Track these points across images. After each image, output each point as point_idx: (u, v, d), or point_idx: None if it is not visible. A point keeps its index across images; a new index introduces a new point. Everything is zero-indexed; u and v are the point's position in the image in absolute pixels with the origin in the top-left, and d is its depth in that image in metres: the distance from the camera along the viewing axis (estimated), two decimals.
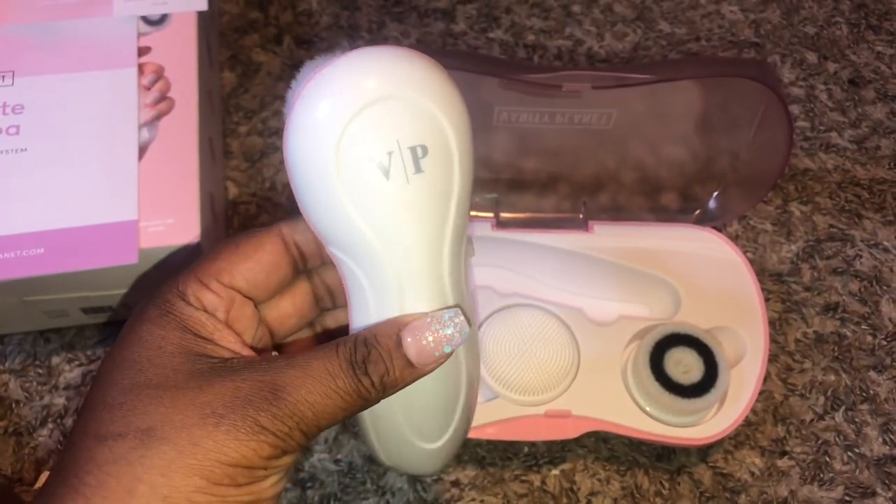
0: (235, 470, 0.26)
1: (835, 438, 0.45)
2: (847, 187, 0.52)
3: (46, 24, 0.44)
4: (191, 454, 0.25)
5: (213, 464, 0.25)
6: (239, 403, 0.26)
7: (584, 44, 0.57)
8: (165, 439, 0.25)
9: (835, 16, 0.59)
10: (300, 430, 0.27)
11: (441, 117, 0.27)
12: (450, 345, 0.28)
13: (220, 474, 0.26)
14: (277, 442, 0.26)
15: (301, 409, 0.26)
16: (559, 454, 0.44)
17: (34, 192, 0.40)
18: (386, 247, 0.27)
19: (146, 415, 0.26)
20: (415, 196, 0.27)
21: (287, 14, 0.57)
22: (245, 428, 0.26)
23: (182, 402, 0.26)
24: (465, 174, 0.28)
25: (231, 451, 0.26)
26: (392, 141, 0.26)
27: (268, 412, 0.26)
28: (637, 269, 0.45)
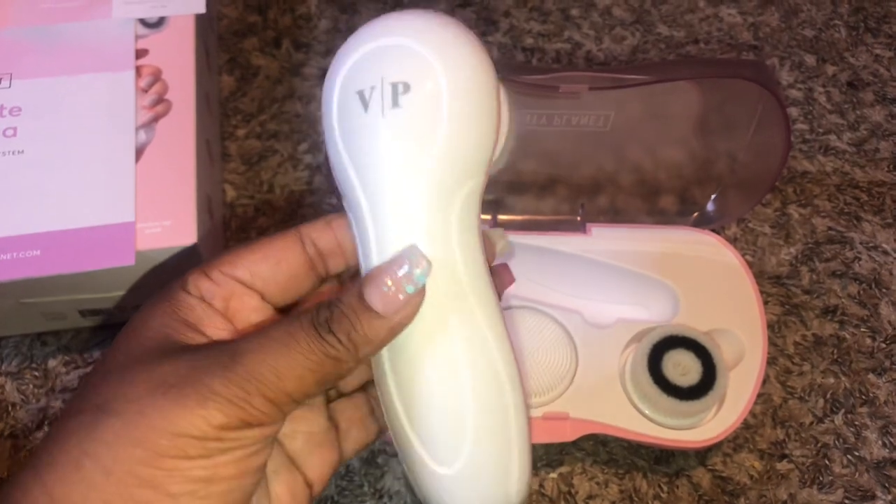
0: (184, 440, 0.24)
1: (834, 441, 0.44)
2: (846, 190, 0.52)
3: (45, 26, 0.44)
4: (135, 426, 0.24)
5: (159, 434, 0.24)
6: (193, 374, 0.25)
7: (583, 47, 0.57)
8: (114, 412, 0.24)
9: (833, 19, 0.59)
10: (262, 395, 0.25)
11: (434, 61, 0.26)
12: (411, 284, 0.26)
13: (167, 445, 0.24)
14: (232, 409, 0.25)
15: (260, 371, 0.25)
16: (557, 457, 0.44)
17: (31, 193, 0.40)
18: (369, 193, 0.27)
19: (103, 392, 0.25)
20: (390, 131, 0.27)
21: (286, 18, 0.57)
22: (194, 395, 0.24)
23: (138, 378, 0.25)
24: (457, 124, 0.27)
25: (178, 419, 0.24)
26: (377, 77, 0.27)
27: (221, 377, 0.25)
28: (635, 272, 0.45)
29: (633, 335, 0.43)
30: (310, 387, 0.26)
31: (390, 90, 0.26)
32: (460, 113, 0.27)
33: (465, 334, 0.28)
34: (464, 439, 0.28)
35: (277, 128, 0.53)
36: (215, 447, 0.25)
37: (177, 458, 0.24)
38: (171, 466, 0.24)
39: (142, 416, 0.24)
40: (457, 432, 0.28)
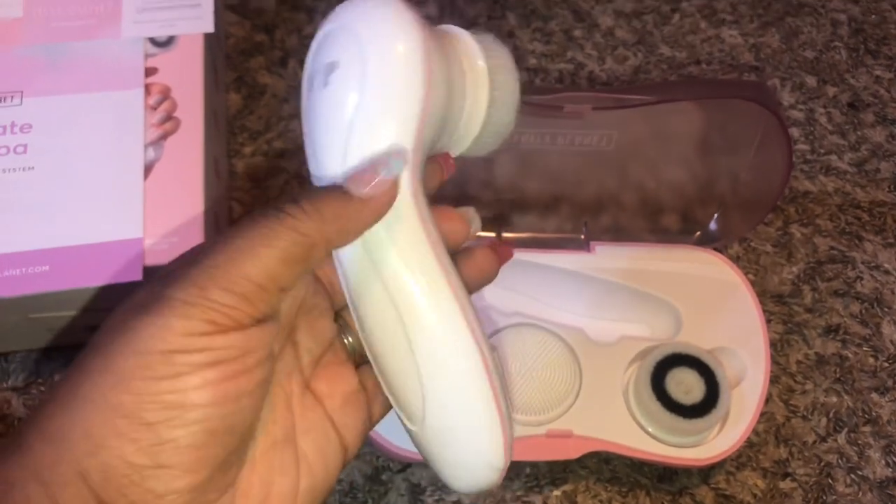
0: (148, 358, 0.23)
1: (837, 460, 0.45)
2: (847, 210, 0.53)
3: (56, 45, 0.45)
4: (106, 352, 0.23)
5: (124, 356, 0.23)
6: (159, 289, 0.24)
7: (586, 67, 0.58)
8: (93, 344, 0.24)
9: (833, 40, 0.60)
10: (219, 287, 0.23)
11: (364, 40, 0.27)
12: (386, 168, 0.26)
13: (132, 365, 0.23)
14: (191, 310, 0.23)
15: (214, 263, 0.23)
16: (561, 475, 0.44)
17: (40, 209, 0.40)
18: (313, 166, 0.28)
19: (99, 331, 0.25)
20: (318, 106, 0.27)
21: (292, 38, 0.58)
22: (155, 308, 0.23)
23: (118, 309, 0.24)
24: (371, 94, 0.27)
25: (139, 335, 0.23)
26: (320, 61, 0.28)
27: (180, 281, 0.23)
28: (638, 290, 0.45)
29: (637, 353, 0.44)
30: (273, 267, 0.24)
31: (323, 70, 0.28)
32: (376, 83, 0.27)
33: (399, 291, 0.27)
34: (420, 398, 0.27)
35: (284, 146, 0.53)
36: (183, 362, 0.23)
37: (144, 380, 0.23)
38: (141, 390, 0.23)
39: (112, 342, 0.23)
40: (412, 391, 0.28)
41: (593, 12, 0.60)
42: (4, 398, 0.44)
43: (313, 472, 0.28)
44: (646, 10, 0.60)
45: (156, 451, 0.23)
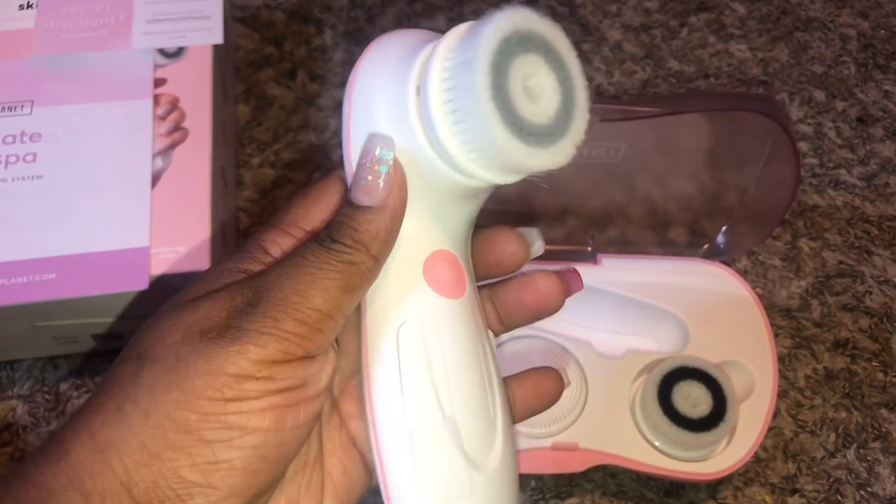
0: (221, 379, 0.24)
1: (847, 476, 0.44)
2: (856, 224, 0.52)
3: (66, 55, 0.45)
4: (173, 369, 0.24)
5: (195, 375, 0.24)
6: (227, 316, 0.25)
7: (594, 81, 0.58)
8: (154, 358, 0.24)
9: (842, 55, 0.59)
10: (292, 318, 0.25)
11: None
12: (380, 164, 0.25)
13: (202, 386, 0.24)
14: (266, 339, 0.24)
15: (283, 297, 0.25)
16: (566, 488, 0.43)
17: (48, 217, 0.40)
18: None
19: (144, 340, 0.25)
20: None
21: (301, 50, 0.58)
22: (228, 336, 0.24)
23: (175, 325, 0.25)
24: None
25: (214, 357, 0.24)
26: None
27: (248, 314, 0.25)
28: (646, 303, 0.45)
29: (644, 366, 0.43)
30: (337, 297, 0.25)
31: None
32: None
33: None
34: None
35: (291, 157, 0.53)
36: (252, 388, 0.24)
37: (212, 401, 0.24)
38: (207, 409, 0.24)
39: (179, 360, 0.24)
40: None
41: (601, 26, 0.60)
42: (10, 406, 0.44)
43: (338, 492, 0.29)
44: (654, 25, 0.60)
45: (209, 470, 0.24)
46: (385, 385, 0.27)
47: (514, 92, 0.24)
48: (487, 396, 0.28)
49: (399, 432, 0.26)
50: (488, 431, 0.27)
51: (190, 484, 0.24)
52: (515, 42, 0.24)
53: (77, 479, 0.23)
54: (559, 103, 0.25)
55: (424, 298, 0.27)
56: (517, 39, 0.24)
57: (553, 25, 0.25)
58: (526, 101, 0.24)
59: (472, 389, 0.27)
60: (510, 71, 0.23)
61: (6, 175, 0.41)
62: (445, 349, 0.27)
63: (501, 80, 0.23)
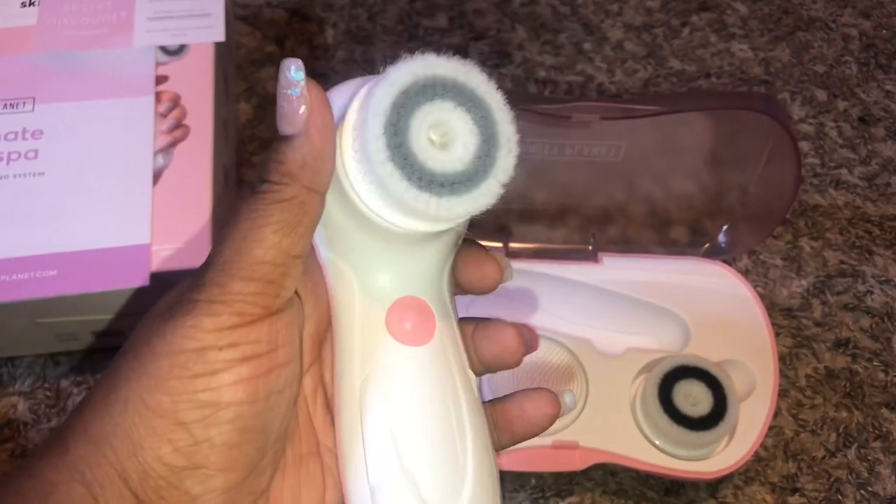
0: (183, 356, 0.23)
1: (847, 476, 0.44)
2: (857, 224, 0.52)
3: (68, 52, 0.45)
4: (142, 356, 0.24)
5: (159, 357, 0.23)
6: (180, 293, 0.24)
7: (595, 80, 0.58)
8: (129, 350, 0.25)
9: (844, 55, 0.59)
10: (237, 277, 0.24)
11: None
12: (293, 87, 0.24)
13: (168, 366, 0.23)
14: (216, 307, 0.23)
15: (223, 259, 0.24)
16: (566, 487, 0.43)
17: (49, 214, 0.40)
18: None
19: (130, 339, 0.25)
20: None
21: (303, 48, 0.58)
22: (181, 311, 0.24)
23: (147, 317, 0.25)
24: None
25: (172, 336, 0.23)
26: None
27: (197, 286, 0.24)
28: (646, 302, 0.45)
29: (644, 365, 0.43)
30: (276, 242, 0.24)
31: None
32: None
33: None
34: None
35: None
36: (217, 359, 0.23)
37: (181, 380, 0.23)
38: (176, 389, 0.23)
39: (146, 345, 0.24)
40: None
41: (603, 25, 0.60)
42: (11, 402, 0.44)
43: (339, 486, 0.28)
44: (656, 24, 0.60)
45: (191, 452, 0.24)
46: (349, 440, 0.26)
47: (418, 145, 0.23)
48: (455, 440, 0.27)
49: (362, 488, 0.26)
50: (455, 476, 0.26)
51: (177, 469, 0.24)
52: (416, 93, 0.23)
53: (78, 471, 0.23)
54: (476, 144, 0.24)
55: (387, 351, 0.26)
56: (418, 90, 0.23)
57: (463, 64, 0.24)
58: (434, 151, 0.24)
59: (434, 438, 0.26)
60: (411, 125, 0.23)
61: (8, 172, 0.41)
62: (407, 400, 0.26)
63: (401, 136, 0.23)
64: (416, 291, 0.27)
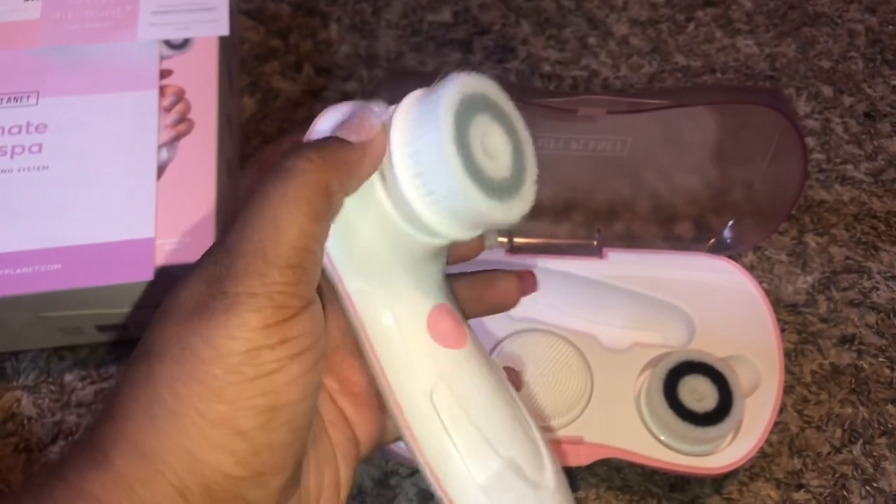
0: (235, 360, 0.22)
1: (852, 472, 0.44)
2: (863, 219, 0.52)
3: (72, 46, 0.45)
4: (184, 361, 0.22)
5: (209, 363, 0.22)
6: (207, 288, 0.23)
7: (600, 75, 0.57)
8: (159, 354, 0.23)
9: (850, 50, 0.59)
10: (275, 266, 0.23)
11: None
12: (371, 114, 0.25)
13: (221, 372, 0.22)
14: (259, 301, 0.22)
15: (256, 247, 0.23)
16: (571, 482, 0.43)
17: (53, 208, 0.40)
18: None
19: (148, 337, 0.24)
20: None
21: (307, 43, 0.58)
22: (218, 307, 0.22)
23: (166, 310, 0.24)
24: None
25: (217, 339, 0.22)
26: None
27: (231, 277, 0.23)
28: (651, 297, 0.45)
29: (649, 360, 0.43)
30: (310, 226, 0.24)
31: None
32: None
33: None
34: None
35: None
36: (269, 359, 0.23)
37: (235, 385, 0.22)
38: (233, 397, 0.22)
39: (184, 349, 0.22)
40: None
41: (608, 20, 0.60)
42: (15, 397, 0.44)
43: (347, 461, 0.29)
44: (661, 19, 0.60)
45: (252, 461, 0.23)
46: (441, 450, 0.28)
47: (476, 152, 0.25)
48: (524, 423, 0.29)
49: (472, 491, 0.27)
50: (535, 453, 0.29)
51: (239, 480, 0.23)
52: (469, 104, 0.25)
53: (127, 487, 0.22)
54: (511, 154, 0.26)
55: (440, 358, 0.28)
56: (471, 101, 0.25)
57: (499, 87, 0.26)
58: (486, 159, 0.25)
59: (513, 424, 0.28)
60: (470, 131, 0.25)
61: (12, 165, 0.41)
62: (477, 397, 0.28)
63: (465, 144, 0.24)
64: (441, 299, 0.29)
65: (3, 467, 0.42)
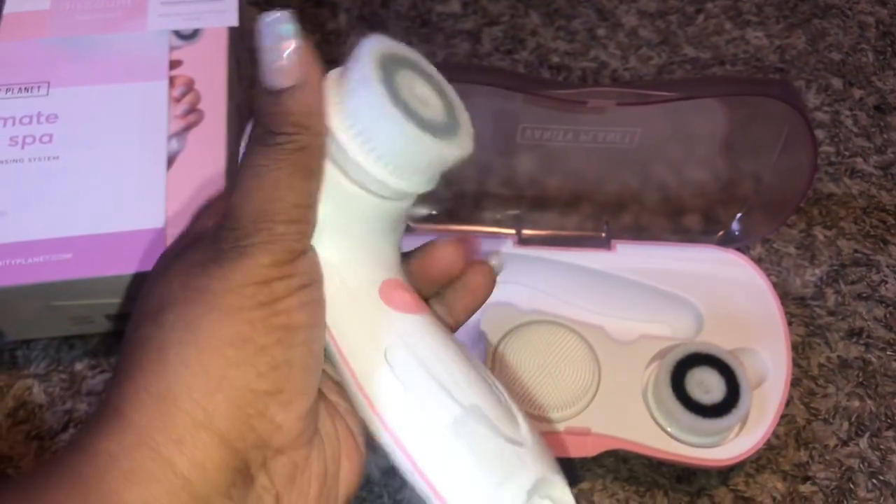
0: (251, 289, 0.24)
1: (859, 465, 0.44)
2: (872, 213, 0.52)
3: (83, 37, 0.45)
4: (197, 301, 0.24)
5: (223, 296, 0.24)
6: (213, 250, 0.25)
7: (609, 66, 0.57)
8: (172, 304, 0.24)
9: (860, 43, 0.59)
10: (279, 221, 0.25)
11: None
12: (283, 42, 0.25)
13: (238, 299, 0.24)
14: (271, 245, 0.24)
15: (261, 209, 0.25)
16: (577, 473, 0.43)
17: (64, 198, 0.40)
18: None
19: (149, 303, 0.25)
20: None
21: (316, 34, 0.58)
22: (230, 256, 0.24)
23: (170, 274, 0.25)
24: None
25: (231, 274, 0.24)
26: None
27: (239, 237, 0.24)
28: (659, 289, 0.45)
29: (657, 352, 0.43)
30: (304, 186, 0.25)
31: None
32: None
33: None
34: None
35: None
36: (281, 288, 0.24)
37: (252, 309, 0.24)
38: (252, 318, 0.24)
39: (197, 292, 0.24)
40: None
41: (617, 11, 0.60)
42: (26, 385, 0.44)
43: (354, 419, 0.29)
44: (670, 11, 0.60)
45: (274, 376, 0.24)
46: (398, 407, 0.27)
47: (407, 96, 0.25)
48: (492, 385, 0.28)
49: (433, 439, 0.26)
50: (508, 412, 0.27)
51: (262, 394, 0.24)
52: (388, 60, 0.26)
53: (147, 435, 0.23)
54: (443, 105, 0.27)
55: (395, 321, 0.28)
56: (392, 57, 0.26)
57: (406, 45, 0.27)
58: (418, 103, 0.26)
59: (475, 379, 0.28)
60: (396, 82, 0.25)
61: (23, 155, 0.41)
62: (437, 354, 0.27)
63: (393, 88, 0.25)
64: (395, 274, 0.29)
65: (16, 454, 0.42)
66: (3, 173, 0.41)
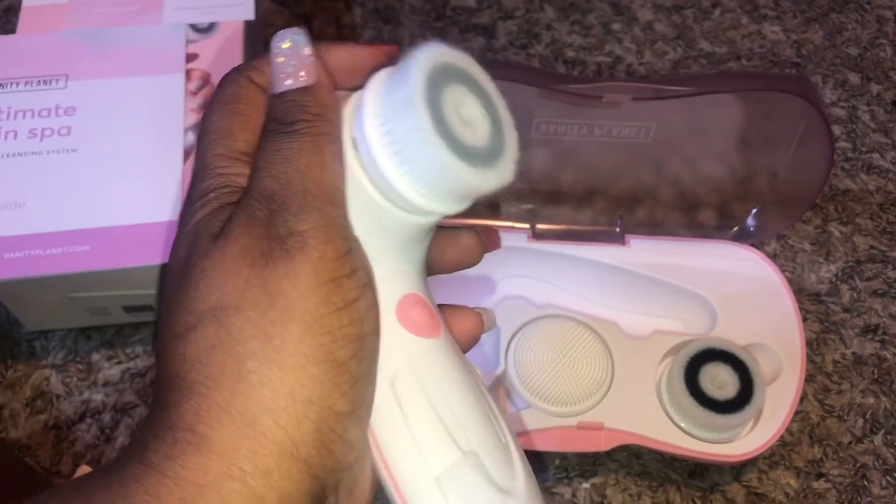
0: (324, 290, 0.22)
1: (873, 462, 0.44)
2: (889, 209, 0.52)
3: (100, 30, 0.45)
4: (269, 306, 0.21)
5: (298, 299, 0.22)
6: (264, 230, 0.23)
7: (624, 60, 0.57)
8: (237, 307, 0.22)
9: (879, 38, 0.58)
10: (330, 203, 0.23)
11: None
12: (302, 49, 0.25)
13: (315, 303, 0.22)
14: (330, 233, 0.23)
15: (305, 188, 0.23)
16: (590, 468, 0.43)
17: (82, 190, 0.41)
18: None
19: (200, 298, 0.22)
20: None
21: (331, 27, 0.58)
22: (291, 246, 0.22)
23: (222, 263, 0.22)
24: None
25: (299, 270, 0.22)
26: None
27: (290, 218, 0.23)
28: (673, 284, 0.45)
29: (670, 347, 0.43)
30: (335, 167, 0.24)
31: None
32: None
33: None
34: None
35: None
36: (350, 287, 0.23)
37: (329, 315, 0.22)
38: (331, 328, 0.22)
39: (269, 295, 0.22)
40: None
41: (632, 6, 0.60)
42: (44, 375, 0.45)
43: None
44: (686, 5, 0.60)
45: (352, 394, 0.23)
46: (395, 437, 0.25)
47: (452, 120, 0.24)
48: (494, 423, 0.27)
49: (425, 479, 0.25)
50: (506, 457, 0.27)
51: (344, 416, 0.22)
52: (439, 75, 0.24)
53: (234, 465, 0.21)
54: (490, 126, 0.25)
55: (407, 344, 0.26)
56: (445, 70, 0.25)
57: (466, 55, 0.26)
58: (463, 127, 0.24)
59: (480, 420, 0.27)
60: (443, 102, 0.24)
61: (41, 148, 0.42)
62: (444, 388, 0.26)
63: (438, 112, 0.24)
64: (416, 289, 0.27)
65: (33, 444, 0.43)
66: (22, 165, 0.41)
